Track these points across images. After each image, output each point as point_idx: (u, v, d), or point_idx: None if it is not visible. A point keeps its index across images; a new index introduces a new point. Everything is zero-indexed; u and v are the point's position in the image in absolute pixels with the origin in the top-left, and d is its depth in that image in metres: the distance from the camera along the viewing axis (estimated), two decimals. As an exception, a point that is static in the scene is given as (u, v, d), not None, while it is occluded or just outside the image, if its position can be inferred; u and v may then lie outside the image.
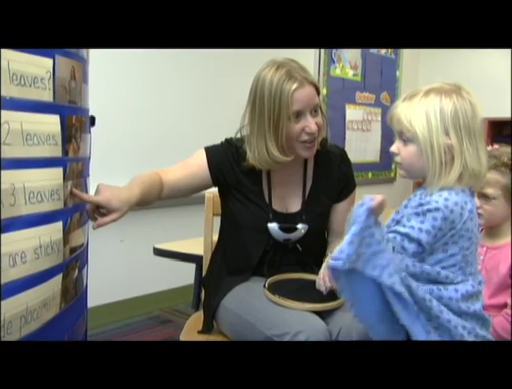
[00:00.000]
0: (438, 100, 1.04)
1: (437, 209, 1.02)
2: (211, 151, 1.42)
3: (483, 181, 1.11)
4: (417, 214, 1.03)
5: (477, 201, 1.32)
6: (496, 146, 1.45)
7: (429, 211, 1.02)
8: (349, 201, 1.46)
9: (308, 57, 3.75)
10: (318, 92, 1.35)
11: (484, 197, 1.38)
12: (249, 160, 1.37)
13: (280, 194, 1.44)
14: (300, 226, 1.40)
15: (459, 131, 1.03)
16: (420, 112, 1.05)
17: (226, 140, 1.46)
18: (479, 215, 1.32)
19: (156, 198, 1.35)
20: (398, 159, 1.12)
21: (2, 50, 0.80)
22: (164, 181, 1.36)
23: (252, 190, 1.42)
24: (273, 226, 1.39)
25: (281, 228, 1.39)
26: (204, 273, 1.60)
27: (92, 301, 1.33)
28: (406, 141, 1.09)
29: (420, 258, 1.04)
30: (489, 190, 1.37)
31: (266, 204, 1.42)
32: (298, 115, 1.30)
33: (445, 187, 1.05)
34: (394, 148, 1.12)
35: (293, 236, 1.41)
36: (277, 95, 1.28)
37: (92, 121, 1.24)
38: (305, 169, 1.46)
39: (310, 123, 1.31)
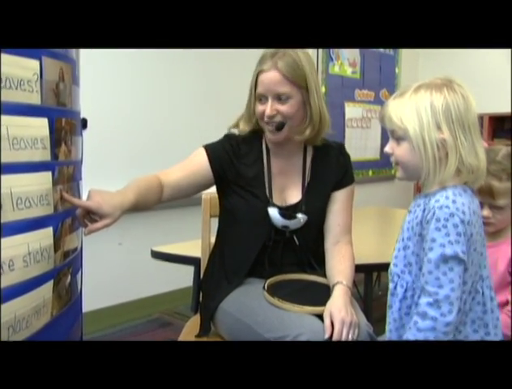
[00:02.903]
0: (428, 95, 1.02)
1: (452, 215, 0.99)
2: (211, 148, 1.42)
3: (482, 177, 1.07)
4: (438, 229, 1.00)
5: (487, 211, 1.31)
6: (501, 146, 1.40)
7: (446, 220, 0.99)
8: (347, 192, 1.46)
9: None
10: (291, 82, 1.32)
11: (496, 208, 1.33)
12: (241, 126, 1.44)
13: (280, 187, 1.43)
14: (299, 215, 1.39)
15: (452, 125, 1.00)
16: (410, 108, 1.03)
17: (225, 135, 1.47)
18: (490, 224, 1.32)
19: (157, 202, 1.32)
20: (393, 159, 1.10)
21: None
22: (164, 182, 1.34)
23: (251, 183, 1.41)
24: (273, 211, 1.38)
25: (281, 214, 1.38)
26: (202, 275, 1.58)
27: (91, 304, 1.32)
28: (398, 139, 1.07)
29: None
30: (502, 201, 1.32)
31: (266, 196, 1.41)
32: (261, 98, 1.36)
33: (447, 186, 1.02)
34: (388, 148, 1.10)
35: (292, 223, 1.39)
36: (254, 74, 1.37)
37: (84, 123, 1.22)
38: (304, 161, 1.45)
39: (267, 107, 1.34)
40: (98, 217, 1.09)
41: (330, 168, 1.45)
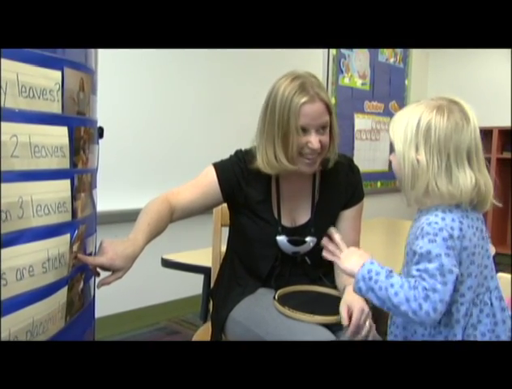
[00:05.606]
0: (419, 114, 1.03)
1: (441, 229, 1.00)
2: (220, 169, 1.40)
3: (484, 201, 1.05)
4: (431, 241, 1.01)
5: None
6: None
7: (436, 234, 1.00)
8: (357, 210, 1.46)
9: (316, 67, 3.76)
10: (330, 112, 1.33)
11: None
12: (256, 163, 1.36)
13: (289, 208, 1.43)
14: (308, 239, 1.40)
15: (429, 148, 1.01)
16: (401, 124, 1.05)
17: (235, 154, 1.44)
18: None
19: (166, 226, 1.32)
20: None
21: (12, 63, 0.80)
22: (174, 204, 1.34)
23: (261, 206, 1.41)
24: (282, 239, 1.38)
25: (290, 242, 1.38)
26: (212, 284, 1.59)
27: (99, 311, 1.32)
28: (393, 151, 1.10)
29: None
30: None
31: (275, 219, 1.41)
32: (304, 130, 1.29)
33: (439, 207, 1.04)
34: (390, 156, 1.13)
35: (302, 249, 1.40)
36: (287, 106, 1.27)
37: (101, 132, 1.23)
38: (313, 182, 1.45)
39: (313, 140, 1.30)
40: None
41: (339, 187, 1.44)
